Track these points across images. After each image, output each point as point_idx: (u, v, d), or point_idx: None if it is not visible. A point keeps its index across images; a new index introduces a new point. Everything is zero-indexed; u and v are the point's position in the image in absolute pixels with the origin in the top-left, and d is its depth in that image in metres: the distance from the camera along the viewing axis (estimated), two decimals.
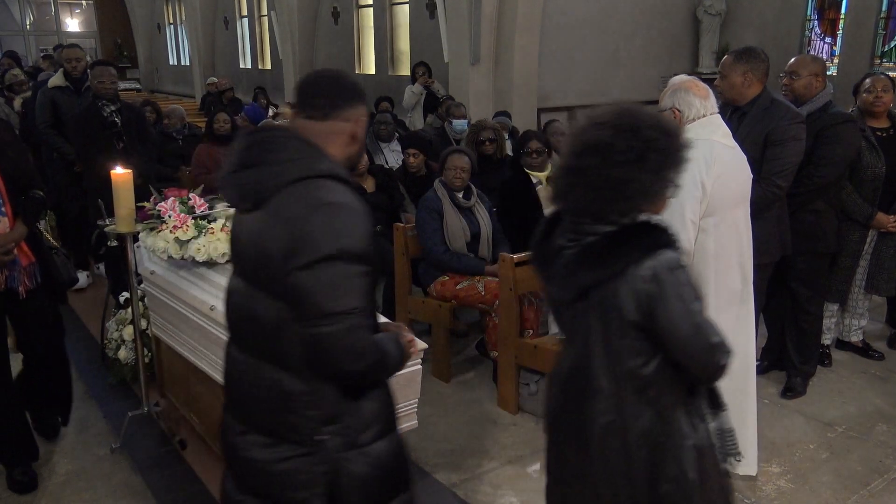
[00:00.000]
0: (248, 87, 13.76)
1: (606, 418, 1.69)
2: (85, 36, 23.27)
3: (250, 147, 1.65)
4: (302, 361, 1.59)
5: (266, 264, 1.59)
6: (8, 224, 2.85)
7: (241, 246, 1.69)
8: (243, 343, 1.72)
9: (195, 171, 5.88)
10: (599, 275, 1.63)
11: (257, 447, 1.68)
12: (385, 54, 12.43)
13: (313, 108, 1.68)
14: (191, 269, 3.06)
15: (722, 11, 10.19)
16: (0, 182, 2.83)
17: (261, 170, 1.61)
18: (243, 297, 1.69)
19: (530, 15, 8.46)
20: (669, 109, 2.83)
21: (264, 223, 1.60)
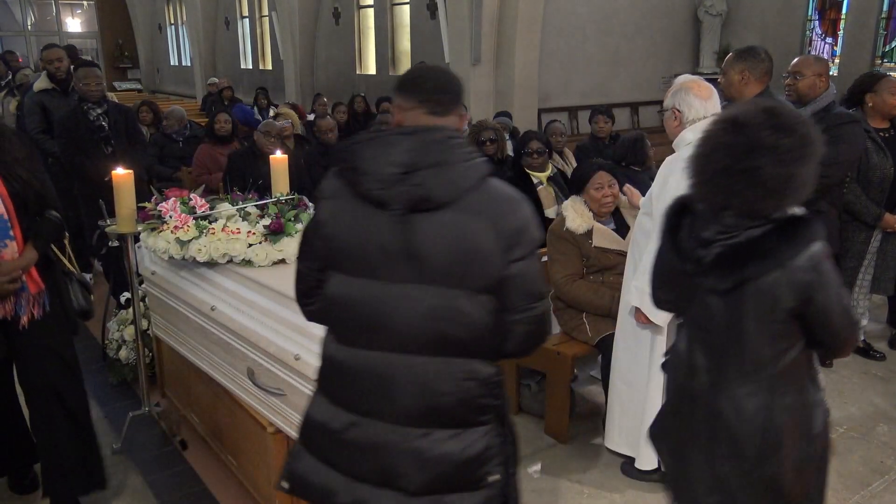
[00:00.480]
0: (249, 87, 13.77)
1: (755, 399, 1.83)
2: (86, 36, 23.30)
3: (420, 148, 1.62)
4: (495, 347, 1.72)
5: (475, 261, 1.62)
6: (16, 249, 2.58)
7: (428, 248, 1.63)
8: (417, 347, 1.68)
9: (196, 171, 5.88)
10: (764, 267, 1.75)
11: (446, 441, 1.71)
12: (386, 55, 12.44)
13: (438, 103, 1.68)
14: (192, 270, 3.07)
15: (723, 12, 10.20)
16: (8, 203, 2.54)
17: (445, 170, 1.61)
18: (435, 301, 1.65)
19: (531, 15, 8.47)
20: (671, 110, 2.83)
21: (468, 222, 1.62)
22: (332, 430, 1.76)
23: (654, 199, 2.86)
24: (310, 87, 13.67)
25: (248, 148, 5.37)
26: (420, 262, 1.64)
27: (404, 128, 1.67)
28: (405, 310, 1.66)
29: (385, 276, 1.66)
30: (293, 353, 2.39)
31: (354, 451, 1.74)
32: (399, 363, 1.69)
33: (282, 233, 2.95)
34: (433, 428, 1.71)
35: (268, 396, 2.55)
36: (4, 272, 2.52)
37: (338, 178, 1.71)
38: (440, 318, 1.65)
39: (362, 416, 1.73)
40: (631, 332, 3.02)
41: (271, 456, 2.63)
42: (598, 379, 3.73)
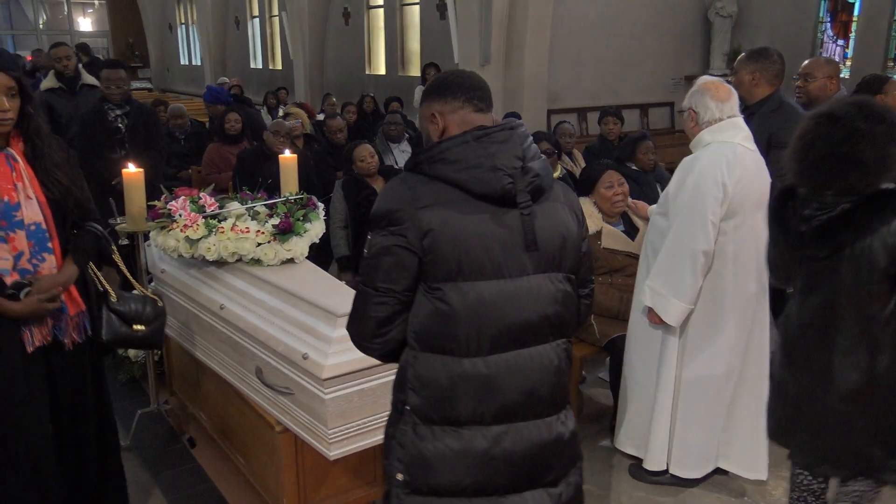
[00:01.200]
0: (259, 86, 13.81)
1: (853, 356, 2.07)
2: (97, 35, 23.42)
3: (523, 142, 1.70)
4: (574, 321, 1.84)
5: (567, 243, 1.75)
6: (55, 264, 2.28)
7: (542, 237, 1.69)
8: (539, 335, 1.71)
9: (206, 170, 5.90)
10: (858, 235, 2.02)
11: (567, 420, 1.80)
12: (395, 55, 12.45)
13: (482, 100, 1.74)
14: (201, 268, 3.08)
15: (733, 13, 10.15)
16: (47, 211, 2.26)
17: (542, 161, 1.72)
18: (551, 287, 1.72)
19: (541, 16, 8.45)
20: (687, 110, 2.82)
21: (557, 208, 1.75)
22: (477, 452, 1.68)
23: (670, 199, 2.85)
24: (319, 87, 13.69)
25: (258, 147, 5.38)
26: (538, 252, 1.69)
27: (503, 124, 1.69)
28: (532, 301, 1.68)
29: (510, 273, 1.66)
30: (301, 352, 2.39)
31: (507, 461, 1.69)
32: (533, 356, 1.71)
33: (291, 232, 2.95)
34: (559, 411, 1.78)
35: (276, 395, 2.56)
36: (43, 289, 2.20)
37: (433, 184, 1.64)
38: (557, 302, 1.73)
39: (510, 423, 1.69)
40: (643, 332, 3.01)
41: (279, 455, 2.63)
42: (606, 381, 3.72)
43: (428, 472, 1.69)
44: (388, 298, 1.66)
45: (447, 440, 1.68)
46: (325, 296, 2.54)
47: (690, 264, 2.73)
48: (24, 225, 2.21)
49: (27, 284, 2.18)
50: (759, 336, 2.96)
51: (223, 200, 3.20)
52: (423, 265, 1.63)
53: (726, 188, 2.69)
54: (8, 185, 2.19)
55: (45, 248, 2.25)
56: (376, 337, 1.70)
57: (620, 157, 4.73)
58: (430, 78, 8.37)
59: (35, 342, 2.26)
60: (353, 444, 2.41)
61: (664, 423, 2.98)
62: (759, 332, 2.96)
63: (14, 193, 2.20)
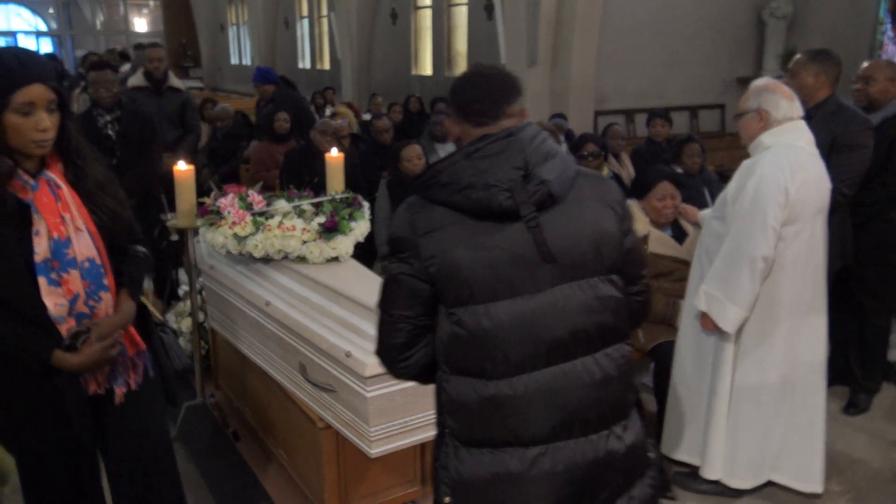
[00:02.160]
0: (307, 86, 13.97)
1: None
2: (152, 36, 23.99)
3: (527, 147, 1.59)
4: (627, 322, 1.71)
5: (603, 242, 1.63)
6: (111, 302, 1.97)
7: (561, 245, 1.59)
8: (577, 348, 1.62)
9: (254, 168, 6.00)
10: None
11: (624, 434, 1.68)
12: (442, 55, 12.46)
13: (490, 112, 1.67)
14: (248, 265, 3.12)
15: (788, 14, 9.90)
16: (99, 242, 1.94)
17: (553, 162, 1.60)
18: (581, 296, 1.61)
19: (589, 16, 8.38)
20: (755, 111, 2.74)
21: (583, 208, 1.62)
22: (512, 475, 1.62)
23: (729, 203, 2.78)
24: (366, 87, 13.79)
25: (305, 146, 5.45)
26: (556, 262, 1.58)
27: (499, 133, 1.60)
28: (557, 316, 1.59)
29: (526, 290, 1.58)
30: (344, 349, 2.41)
31: (548, 483, 1.62)
32: (567, 372, 1.61)
33: (336, 231, 2.98)
34: (611, 425, 1.66)
35: (319, 392, 2.58)
36: (103, 334, 1.91)
37: (433, 208, 1.60)
38: (593, 310, 1.61)
39: (547, 444, 1.62)
40: (695, 337, 2.95)
41: (321, 451, 2.65)
42: (650, 386, 3.66)
43: (470, 496, 1.65)
44: (404, 324, 1.64)
45: (485, 463, 1.63)
46: (368, 294, 2.55)
47: (749, 270, 2.67)
48: (78, 263, 1.89)
49: (85, 331, 1.88)
50: (814, 345, 2.88)
51: (271, 198, 3.24)
52: (436, 291, 1.60)
53: (789, 193, 2.62)
54: (55, 218, 1.86)
55: (101, 285, 1.95)
56: (400, 362, 1.69)
57: (666, 159, 4.65)
58: None
59: (89, 391, 1.98)
60: (394, 442, 2.42)
61: (721, 430, 2.91)
62: (814, 341, 2.88)
63: (62, 227, 1.87)
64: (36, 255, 1.84)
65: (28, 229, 1.84)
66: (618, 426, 1.67)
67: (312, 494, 2.83)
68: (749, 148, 2.81)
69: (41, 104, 1.79)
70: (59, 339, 1.88)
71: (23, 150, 1.82)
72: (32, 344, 1.88)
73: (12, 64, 1.77)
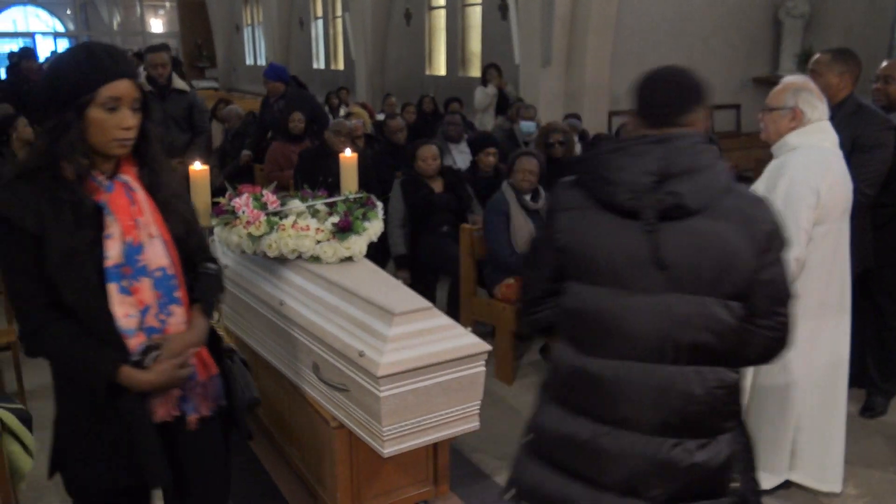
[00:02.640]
0: (321, 87, 14.01)
1: None
2: (168, 36, 24.18)
3: (670, 155, 1.63)
4: (742, 353, 1.70)
5: (729, 267, 1.62)
6: (183, 318, 1.82)
7: (676, 257, 1.63)
8: (664, 356, 1.66)
9: (268, 168, 6.02)
10: None
11: (697, 452, 1.70)
12: (456, 55, 12.47)
13: (663, 116, 1.73)
14: (262, 265, 3.13)
15: (805, 13, 9.82)
16: (173, 254, 1.81)
17: (696, 175, 1.62)
18: (685, 308, 1.64)
19: (604, 16, 8.35)
20: (790, 109, 2.69)
21: (716, 227, 1.62)
22: (580, 441, 1.74)
23: None
24: (380, 88, 13.82)
25: (319, 146, 5.46)
26: (670, 271, 1.63)
27: (652, 136, 1.68)
28: (649, 318, 1.65)
29: (631, 285, 1.66)
30: (358, 349, 2.41)
31: (604, 460, 1.72)
32: (640, 371, 1.67)
33: (350, 230, 2.98)
34: (684, 438, 1.69)
35: (332, 391, 2.59)
36: (174, 352, 1.75)
37: (578, 189, 1.73)
38: (693, 325, 1.64)
39: (613, 427, 1.71)
40: None
41: (333, 450, 2.66)
42: None
43: (545, 444, 1.82)
44: (535, 283, 1.84)
45: (561, 422, 1.78)
46: (382, 294, 2.56)
47: None
48: (149, 271, 1.76)
49: (155, 347, 1.73)
50: (837, 346, 2.87)
51: (285, 198, 3.25)
52: (561, 262, 1.76)
53: (820, 194, 2.60)
54: (128, 221, 1.74)
55: (173, 298, 1.80)
56: (529, 314, 1.88)
57: None
58: (493, 79, 8.41)
59: (156, 417, 1.80)
60: (406, 442, 2.42)
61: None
62: (837, 341, 2.87)
63: (136, 231, 1.75)
64: (107, 260, 1.70)
65: (99, 233, 1.71)
66: (692, 441, 1.69)
67: (325, 493, 2.84)
68: (773, 147, 2.78)
69: (127, 101, 1.71)
70: (126, 354, 1.71)
71: (103, 149, 1.72)
72: (98, 357, 1.70)
73: (102, 57, 1.69)
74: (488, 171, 5.20)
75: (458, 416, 2.47)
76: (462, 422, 2.49)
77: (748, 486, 1.78)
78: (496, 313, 4.16)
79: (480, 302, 4.34)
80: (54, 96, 1.69)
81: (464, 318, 4.24)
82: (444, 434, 2.49)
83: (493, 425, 3.60)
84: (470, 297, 4.36)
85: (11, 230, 1.66)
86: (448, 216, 4.70)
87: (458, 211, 4.78)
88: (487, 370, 2.55)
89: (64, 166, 1.69)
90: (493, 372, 4.07)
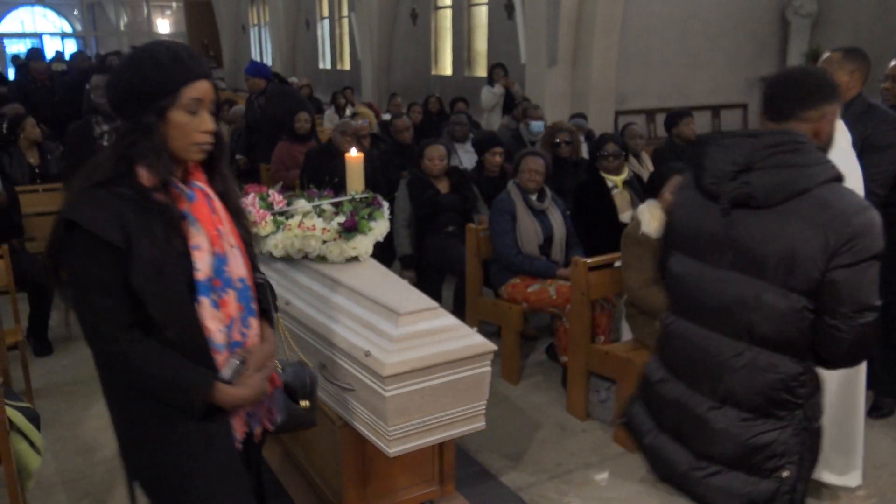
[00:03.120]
0: (327, 87, 14.03)
1: None
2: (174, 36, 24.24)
3: (758, 150, 1.77)
4: (805, 346, 1.78)
5: (792, 262, 1.72)
6: (257, 329, 1.78)
7: (745, 242, 1.79)
8: (725, 328, 1.85)
9: (275, 167, 6.03)
10: None
11: (733, 421, 1.85)
12: (462, 55, 12.47)
13: (777, 109, 1.85)
14: (268, 264, 3.14)
15: (813, 12, 9.79)
16: (247, 263, 1.76)
17: (777, 172, 1.73)
18: (742, 288, 1.80)
19: (611, 16, 8.33)
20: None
21: (790, 225, 1.72)
22: (650, 382, 2.05)
23: None
24: (386, 88, 13.83)
25: (325, 146, 5.47)
26: (737, 252, 1.80)
27: (744, 131, 1.92)
28: (719, 292, 1.84)
29: (709, 261, 1.87)
30: (364, 349, 2.41)
31: (662, 403, 2.01)
32: (707, 338, 1.88)
33: (356, 230, 2.98)
34: (726, 405, 1.86)
35: (338, 391, 2.59)
36: (258, 365, 1.71)
37: (690, 172, 1.98)
38: (746, 307, 1.79)
39: (673, 376, 1.98)
40: None
41: (339, 450, 2.66)
42: None
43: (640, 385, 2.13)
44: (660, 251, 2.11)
45: (650, 365, 2.09)
46: (387, 294, 2.56)
47: None
48: (233, 283, 1.69)
49: (242, 362, 1.68)
50: None
51: (291, 198, 3.26)
52: (669, 231, 2.03)
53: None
54: (213, 230, 1.67)
55: (251, 310, 1.75)
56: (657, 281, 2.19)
57: (689, 158, 4.62)
58: (500, 79, 8.41)
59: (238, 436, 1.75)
60: (412, 441, 2.42)
61: None
62: None
63: (220, 242, 1.68)
64: (198, 272, 1.61)
65: (185, 243, 1.61)
66: (733, 411, 1.85)
67: (331, 493, 2.84)
68: None
69: (206, 103, 1.63)
70: (214, 371, 1.64)
71: (181, 153, 1.63)
72: (195, 377, 1.60)
73: (184, 56, 1.60)
74: (494, 170, 5.20)
75: (463, 415, 2.47)
76: (468, 422, 2.49)
77: (798, 480, 1.85)
78: (502, 313, 4.16)
79: (486, 302, 4.34)
80: (134, 97, 1.57)
81: (469, 318, 4.24)
82: (450, 434, 2.49)
83: (499, 425, 3.60)
84: (476, 297, 4.36)
85: (94, 244, 1.52)
86: (454, 216, 4.70)
87: (463, 211, 4.78)
88: (493, 370, 2.55)
89: (141, 173, 1.58)
90: (498, 372, 4.07)
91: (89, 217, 1.52)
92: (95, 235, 1.51)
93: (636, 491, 3.13)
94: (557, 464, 3.34)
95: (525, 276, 4.11)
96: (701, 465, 1.92)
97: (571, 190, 4.70)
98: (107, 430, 3.50)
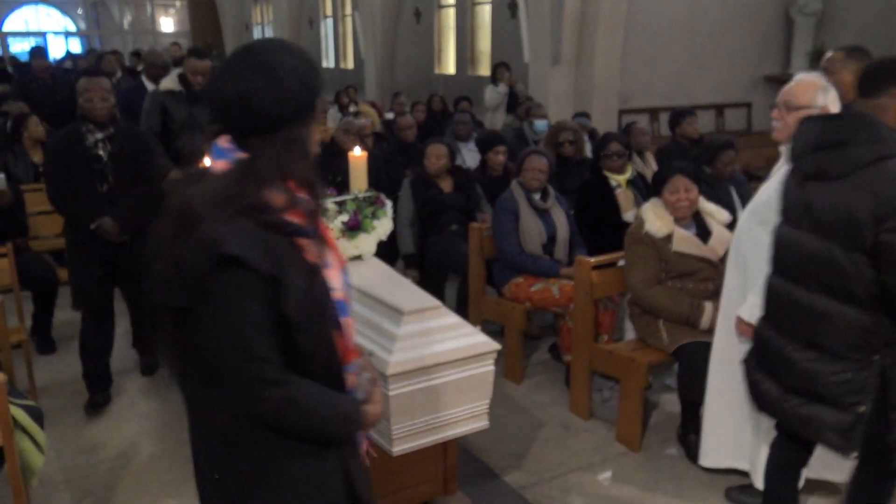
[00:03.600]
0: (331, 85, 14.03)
1: None
2: (178, 35, 24.26)
3: (829, 130, 2.14)
4: (872, 300, 2.10)
5: (848, 224, 2.07)
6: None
7: (817, 208, 2.15)
8: (806, 282, 2.21)
9: None
10: None
11: (818, 361, 2.20)
12: (465, 54, 12.46)
13: (865, 88, 2.24)
14: None
15: (817, 11, 9.76)
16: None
17: (843, 149, 2.09)
18: (815, 246, 2.16)
19: (614, 15, 8.31)
20: (819, 108, 2.55)
21: (850, 193, 2.07)
22: (764, 335, 2.39)
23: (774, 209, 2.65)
24: (389, 86, 13.83)
25: (328, 145, 5.47)
26: (813, 217, 2.16)
27: (825, 115, 2.29)
28: (798, 251, 2.22)
29: (792, 221, 2.26)
30: (367, 348, 2.41)
31: (758, 343, 2.42)
32: (790, 290, 2.26)
33: (359, 229, 2.98)
34: (806, 348, 2.22)
35: None
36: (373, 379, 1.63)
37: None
38: (817, 262, 2.16)
39: (767, 322, 2.37)
40: (739, 342, 2.82)
41: None
42: (674, 388, 3.63)
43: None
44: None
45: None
46: (391, 293, 2.56)
47: None
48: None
49: (367, 378, 1.61)
50: None
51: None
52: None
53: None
54: (334, 244, 1.56)
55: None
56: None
57: (697, 158, 4.57)
58: (504, 78, 8.41)
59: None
60: (415, 441, 2.42)
61: (771, 436, 2.85)
62: None
63: (341, 255, 1.59)
64: (335, 292, 1.47)
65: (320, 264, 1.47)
66: (810, 352, 2.21)
67: None
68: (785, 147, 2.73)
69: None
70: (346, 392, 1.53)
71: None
72: (348, 406, 1.50)
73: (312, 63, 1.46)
74: (497, 170, 5.19)
75: (466, 415, 2.47)
76: (471, 421, 2.49)
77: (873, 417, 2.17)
78: (505, 312, 4.16)
79: (489, 301, 4.33)
80: (288, 108, 1.40)
81: (473, 317, 4.24)
82: (453, 433, 2.49)
83: (502, 424, 3.60)
84: (479, 296, 4.36)
85: (245, 274, 1.33)
86: (457, 215, 4.70)
87: (467, 210, 4.78)
88: (496, 369, 2.55)
89: (268, 194, 1.39)
90: (501, 371, 4.07)
91: (240, 243, 1.33)
92: (246, 263, 1.33)
93: (639, 490, 3.13)
94: (560, 463, 3.33)
95: (528, 276, 4.10)
96: (787, 397, 2.27)
97: (575, 189, 4.69)
98: (110, 429, 3.51)
